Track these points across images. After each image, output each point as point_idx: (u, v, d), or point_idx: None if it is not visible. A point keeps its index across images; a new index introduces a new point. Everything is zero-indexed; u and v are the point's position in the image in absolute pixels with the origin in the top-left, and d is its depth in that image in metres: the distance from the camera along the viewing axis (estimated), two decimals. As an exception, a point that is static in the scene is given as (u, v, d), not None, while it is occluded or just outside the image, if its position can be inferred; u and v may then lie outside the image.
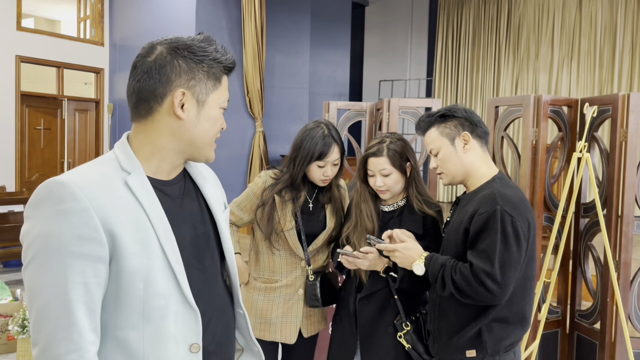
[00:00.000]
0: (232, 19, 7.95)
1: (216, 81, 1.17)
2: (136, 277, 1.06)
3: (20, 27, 7.80)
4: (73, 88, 8.71)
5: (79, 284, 1.02)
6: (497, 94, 10.03)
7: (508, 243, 1.67)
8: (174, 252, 1.11)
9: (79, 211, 1.02)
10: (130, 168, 1.12)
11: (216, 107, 1.18)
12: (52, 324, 1.01)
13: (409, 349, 1.98)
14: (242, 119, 8.03)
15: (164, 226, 1.11)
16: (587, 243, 2.93)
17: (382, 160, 2.02)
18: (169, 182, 1.20)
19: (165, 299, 1.09)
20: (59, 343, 1.01)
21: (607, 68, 9.13)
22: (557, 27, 9.50)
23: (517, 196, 1.75)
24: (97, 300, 1.05)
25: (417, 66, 11.07)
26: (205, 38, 1.17)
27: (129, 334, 1.08)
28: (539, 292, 2.76)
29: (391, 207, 2.10)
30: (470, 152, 1.84)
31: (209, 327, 1.19)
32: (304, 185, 2.20)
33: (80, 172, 1.08)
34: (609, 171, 2.78)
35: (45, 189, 1.04)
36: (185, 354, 1.12)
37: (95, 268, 1.03)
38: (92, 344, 1.04)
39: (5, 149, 7.67)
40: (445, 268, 1.74)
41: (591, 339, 2.88)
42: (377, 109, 3.42)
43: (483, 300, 1.70)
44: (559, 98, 2.91)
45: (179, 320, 1.11)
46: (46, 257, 1.01)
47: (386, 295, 2.03)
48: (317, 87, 9.26)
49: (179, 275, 1.11)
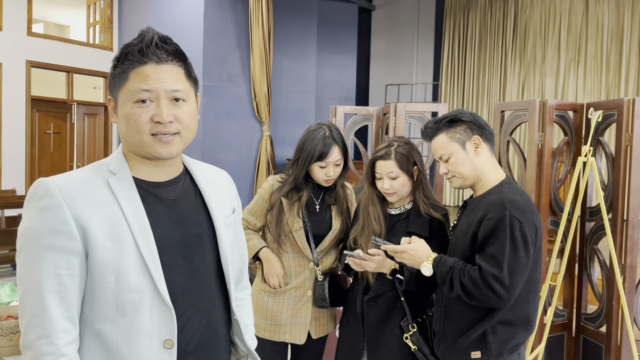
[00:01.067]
0: (240, 24, 8.01)
1: (123, 78, 1.14)
2: (107, 270, 1.11)
3: (30, 33, 7.90)
4: (82, 92, 8.79)
5: (51, 274, 1.08)
6: (503, 99, 10.04)
7: (516, 248, 1.69)
8: (149, 249, 1.13)
9: (52, 207, 1.09)
10: (116, 170, 1.18)
11: (127, 104, 1.14)
12: (28, 311, 1.09)
13: (415, 351, 2.00)
14: (250, 123, 8.08)
15: (140, 224, 1.14)
16: (593, 247, 2.95)
17: (389, 163, 2.05)
18: (162, 183, 1.22)
19: (139, 293, 1.12)
20: (33, 329, 1.08)
21: (614, 72, 9.11)
22: (564, 31, 9.50)
23: (525, 202, 1.77)
24: (71, 291, 1.10)
25: (424, 70, 11.09)
26: (139, 34, 1.16)
27: (105, 326, 1.13)
28: (544, 295, 2.77)
29: (398, 210, 2.12)
30: (481, 155, 1.86)
31: (187, 327, 1.19)
32: (307, 185, 2.24)
33: (67, 174, 1.16)
34: (615, 175, 2.80)
35: (31, 188, 1.13)
36: (159, 349, 1.14)
37: (67, 260, 1.09)
38: (64, 331, 1.09)
39: (15, 153, 7.76)
40: (454, 270, 1.76)
41: (597, 342, 2.89)
42: (383, 114, 3.45)
43: (490, 303, 1.73)
44: (564, 103, 2.93)
45: (153, 315, 1.14)
46: (26, 250, 1.10)
47: (393, 297, 2.06)
48: (324, 91, 9.30)
49: (153, 271, 1.13)
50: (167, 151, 1.16)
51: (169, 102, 1.15)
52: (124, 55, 1.14)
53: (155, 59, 1.13)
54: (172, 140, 1.16)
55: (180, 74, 1.17)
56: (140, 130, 1.14)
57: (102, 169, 1.18)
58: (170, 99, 1.15)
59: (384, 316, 2.06)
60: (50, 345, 1.08)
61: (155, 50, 1.13)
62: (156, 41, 1.13)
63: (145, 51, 1.13)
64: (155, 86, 1.13)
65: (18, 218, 6.48)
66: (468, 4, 10.44)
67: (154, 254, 1.14)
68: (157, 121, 1.13)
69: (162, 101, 1.14)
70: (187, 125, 1.18)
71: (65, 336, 1.09)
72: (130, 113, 1.13)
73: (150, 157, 1.18)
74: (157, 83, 1.13)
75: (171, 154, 1.17)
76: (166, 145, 1.15)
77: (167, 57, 1.15)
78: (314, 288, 2.22)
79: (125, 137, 1.17)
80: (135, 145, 1.16)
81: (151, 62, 1.13)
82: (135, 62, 1.13)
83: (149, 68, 1.13)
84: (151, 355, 1.14)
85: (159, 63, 1.14)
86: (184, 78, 1.18)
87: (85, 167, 1.19)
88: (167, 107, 1.14)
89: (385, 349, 2.05)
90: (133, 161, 1.20)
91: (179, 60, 1.18)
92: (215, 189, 1.30)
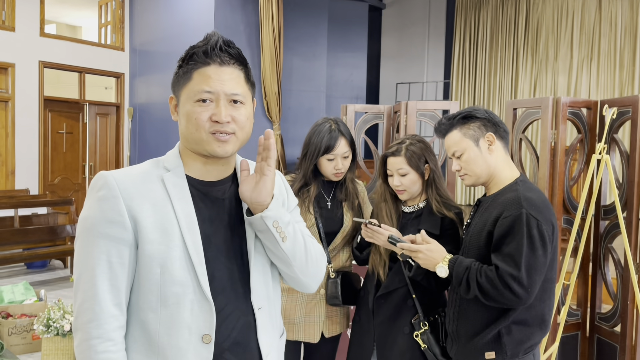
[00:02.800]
0: (250, 23, 8.02)
1: (186, 77, 1.20)
2: (153, 262, 1.16)
3: (43, 33, 7.97)
4: (94, 93, 8.86)
5: (103, 261, 1.15)
6: (515, 96, 9.96)
7: (534, 246, 1.67)
8: (194, 245, 1.18)
9: (109, 198, 1.17)
10: (171, 167, 1.24)
11: (189, 102, 1.19)
12: (81, 295, 1.17)
13: (424, 349, 1.99)
14: (260, 122, 8.09)
15: (188, 220, 1.19)
16: (607, 245, 2.92)
17: (399, 160, 2.05)
18: (213, 182, 1.27)
19: (182, 287, 1.17)
20: (84, 312, 1.15)
21: (627, 69, 9.01)
22: (577, 28, 9.41)
23: (542, 199, 1.75)
24: (121, 279, 1.17)
25: (435, 69, 11.04)
26: (204, 38, 1.21)
27: (148, 316, 1.18)
28: (558, 294, 2.75)
29: (411, 209, 2.12)
30: (495, 152, 1.84)
31: (225, 323, 1.21)
32: (316, 180, 2.24)
33: (126, 168, 1.24)
34: (629, 173, 2.76)
35: (93, 180, 1.21)
36: (197, 343, 1.18)
37: (119, 249, 1.16)
38: (112, 317, 1.15)
39: (29, 153, 7.83)
40: (470, 271, 1.74)
41: (611, 342, 2.86)
42: (394, 112, 3.43)
43: (507, 303, 1.71)
44: (577, 100, 2.90)
45: (194, 309, 1.18)
46: (83, 237, 1.18)
47: (404, 294, 2.04)
48: (334, 90, 9.29)
49: (197, 266, 1.18)
50: (223, 149, 1.20)
51: (228, 104, 1.20)
52: (189, 56, 1.21)
53: (219, 60, 1.19)
54: (228, 139, 1.20)
55: (240, 78, 1.22)
56: (199, 128, 1.19)
57: (158, 166, 1.25)
58: (229, 100, 1.20)
59: (395, 313, 2.05)
60: (98, 328, 1.14)
61: (219, 52, 1.19)
62: (220, 44, 1.19)
63: (209, 53, 1.19)
64: (217, 88, 1.18)
65: (31, 217, 6.55)
66: (479, 1, 10.38)
67: (199, 250, 1.19)
68: (215, 120, 1.18)
69: (222, 102, 1.19)
70: (242, 126, 1.22)
71: (113, 321, 1.15)
72: (191, 111, 1.19)
73: (207, 155, 1.22)
74: (219, 85, 1.18)
75: (226, 153, 1.21)
76: (222, 144, 1.20)
77: (229, 60, 1.21)
78: (327, 285, 2.21)
79: (185, 134, 1.22)
80: (193, 142, 1.21)
81: (214, 63, 1.19)
82: (199, 62, 1.19)
83: (212, 69, 1.19)
84: (189, 348, 1.17)
85: (221, 65, 1.20)
86: (243, 82, 1.23)
87: (144, 163, 1.27)
88: (226, 108, 1.19)
89: (395, 347, 2.03)
90: (188, 159, 1.25)
91: (240, 64, 1.23)
92: None
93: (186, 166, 1.25)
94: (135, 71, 8.94)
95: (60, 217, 6.73)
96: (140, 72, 8.85)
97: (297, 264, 1.28)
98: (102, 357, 1.14)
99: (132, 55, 8.99)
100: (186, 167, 1.25)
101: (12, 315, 3.92)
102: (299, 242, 1.27)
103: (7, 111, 7.59)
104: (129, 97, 9.06)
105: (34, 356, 3.81)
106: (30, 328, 3.85)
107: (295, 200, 1.43)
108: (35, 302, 4.06)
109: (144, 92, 8.84)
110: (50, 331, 3.51)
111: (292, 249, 1.25)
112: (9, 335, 3.80)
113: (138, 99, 8.97)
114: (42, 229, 6.18)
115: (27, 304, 4.01)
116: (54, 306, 3.64)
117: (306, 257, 1.29)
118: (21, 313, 3.95)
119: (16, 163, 7.69)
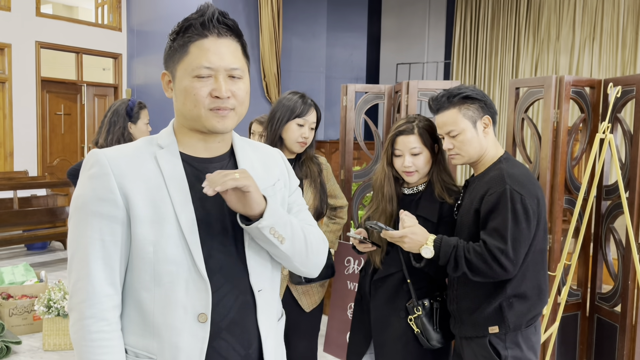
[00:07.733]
0: (249, 3, 7.92)
1: (183, 51, 1.16)
2: (146, 240, 1.14)
3: (39, 13, 7.87)
4: (92, 73, 8.78)
5: (96, 240, 1.14)
6: (516, 77, 9.89)
7: (518, 220, 1.73)
8: (188, 223, 1.15)
9: (100, 175, 1.15)
10: (165, 144, 1.22)
11: (186, 78, 1.16)
12: (75, 274, 1.15)
13: (417, 334, 1.96)
14: (259, 103, 8.04)
15: (181, 198, 1.16)
16: (609, 226, 2.91)
17: (412, 138, 1.97)
18: (208, 159, 1.24)
19: (176, 265, 1.15)
20: (77, 292, 1.14)
21: (630, 49, 8.93)
22: (579, 7, 9.29)
23: (525, 174, 1.81)
24: (114, 257, 1.15)
25: (435, 49, 10.93)
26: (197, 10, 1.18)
27: (142, 295, 1.16)
28: (559, 274, 2.74)
29: (411, 190, 2.06)
30: (489, 135, 1.88)
31: (222, 302, 1.19)
32: (282, 148, 2.22)
33: (118, 146, 1.22)
34: (632, 153, 2.74)
35: (85, 158, 1.20)
36: (192, 322, 1.16)
37: (111, 227, 1.14)
38: (106, 296, 1.14)
39: (27, 135, 7.79)
40: (457, 249, 1.78)
41: (611, 322, 2.87)
42: (395, 92, 3.40)
43: (495, 277, 1.76)
44: (581, 79, 2.86)
45: (189, 288, 1.15)
46: (76, 215, 1.16)
47: (400, 279, 2.01)
48: (334, 70, 9.21)
49: (191, 244, 1.15)
50: (223, 125, 1.18)
51: (227, 78, 1.17)
52: (184, 28, 1.17)
53: (217, 32, 1.16)
54: (228, 114, 1.18)
55: (237, 50, 1.20)
56: (198, 104, 1.16)
57: (151, 143, 1.22)
58: (229, 75, 1.17)
59: (391, 297, 2.03)
60: (91, 308, 1.13)
61: (216, 24, 1.16)
62: (217, 15, 1.16)
63: (207, 24, 1.16)
64: (216, 63, 1.15)
65: (31, 199, 6.54)
66: (481, -20, 10.23)
67: (194, 228, 1.16)
68: (215, 96, 1.16)
69: (221, 77, 1.16)
70: (242, 101, 1.20)
71: (107, 301, 1.14)
72: (190, 87, 1.16)
73: (205, 131, 1.19)
74: (218, 59, 1.16)
75: (226, 128, 1.19)
76: (222, 120, 1.18)
77: (226, 32, 1.18)
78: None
79: (182, 111, 1.19)
80: (191, 119, 1.18)
81: (212, 35, 1.16)
82: (196, 35, 1.16)
83: (210, 41, 1.16)
84: (185, 327, 1.15)
85: (219, 37, 1.17)
86: (240, 55, 1.21)
87: (137, 141, 1.24)
88: (226, 83, 1.16)
89: (390, 330, 2.02)
90: (183, 137, 1.23)
91: (237, 36, 1.20)
92: (255, 168, 1.27)
93: (181, 143, 1.22)
94: (133, 52, 8.85)
95: (60, 198, 6.72)
96: (138, 52, 8.77)
97: (298, 259, 1.26)
98: (95, 337, 1.13)
99: (130, 36, 8.90)
100: (181, 144, 1.22)
101: (12, 296, 3.92)
102: (299, 238, 1.24)
103: (4, 92, 7.53)
104: (127, 78, 8.99)
105: (35, 337, 3.82)
106: (31, 309, 3.86)
107: (297, 181, 1.39)
108: (36, 283, 4.07)
109: (142, 72, 8.76)
110: (51, 312, 3.52)
111: (291, 248, 1.23)
112: (9, 316, 3.81)
113: (136, 80, 8.90)
114: (42, 210, 6.17)
115: (27, 285, 4.01)
116: (54, 287, 3.64)
117: (307, 251, 1.27)
118: (22, 294, 3.95)
119: (14, 144, 7.65)
